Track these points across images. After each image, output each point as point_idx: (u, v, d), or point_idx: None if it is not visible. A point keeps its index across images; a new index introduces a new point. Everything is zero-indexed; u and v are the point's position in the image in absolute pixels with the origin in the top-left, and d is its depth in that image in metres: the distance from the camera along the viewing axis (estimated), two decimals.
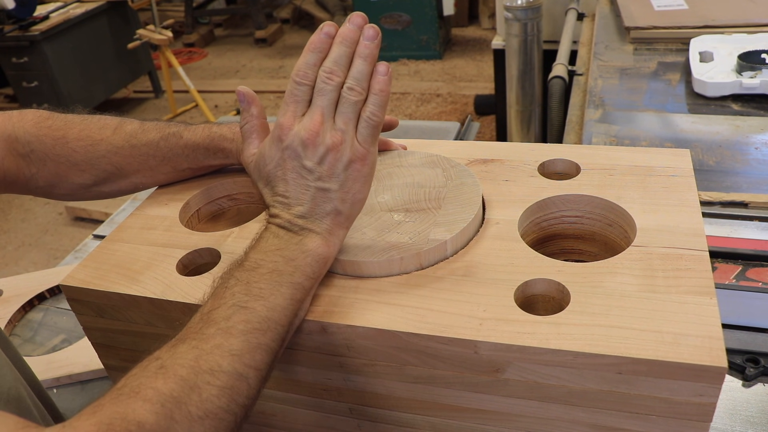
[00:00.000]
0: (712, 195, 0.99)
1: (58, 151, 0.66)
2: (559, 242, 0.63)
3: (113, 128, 0.67)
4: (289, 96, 0.51)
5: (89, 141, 0.66)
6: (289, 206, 0.51)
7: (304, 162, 0.50)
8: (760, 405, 0.68)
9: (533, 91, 2.16)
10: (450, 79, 4.13)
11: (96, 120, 0.68)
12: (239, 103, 0.56)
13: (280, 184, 0.51)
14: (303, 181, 0.50)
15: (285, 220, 0.51)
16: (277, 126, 0.51)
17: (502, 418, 0.51)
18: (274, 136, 0.51)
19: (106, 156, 0.66)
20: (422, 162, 0.66)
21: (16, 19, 3.42)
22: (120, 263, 0.60)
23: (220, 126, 0.67)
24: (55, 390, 0.86)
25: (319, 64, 0.50)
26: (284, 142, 0.50)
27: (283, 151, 0.51)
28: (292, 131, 0.50)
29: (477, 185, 0.61)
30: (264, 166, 0.52)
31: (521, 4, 2.01)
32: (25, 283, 1.03)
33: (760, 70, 1.26)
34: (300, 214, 0.51)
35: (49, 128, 0.66)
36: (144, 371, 0.42)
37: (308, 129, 0.49)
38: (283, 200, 0.51)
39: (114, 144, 0.66)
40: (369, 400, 0.55)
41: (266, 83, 4.46)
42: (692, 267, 0.50)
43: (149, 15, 3.79)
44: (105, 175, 0.67)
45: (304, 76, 0.50)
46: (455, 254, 0.55)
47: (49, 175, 0.67)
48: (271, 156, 0.51)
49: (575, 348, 0.44)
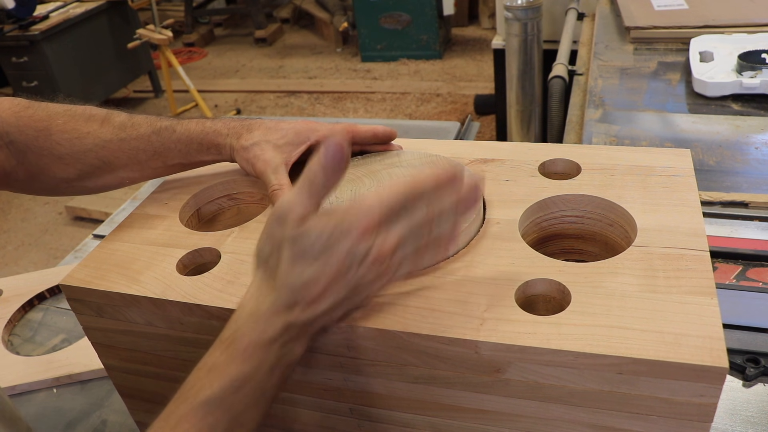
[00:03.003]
0: (712, 195, 0.99)
1: (40, 144, 0.63)
2: (559, 242, 0.63)
3: (100, 120, 0.65)
4: (395, 207, 0.46)
5: (75, 133, 0.63)
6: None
7: (352, 275, 0.46)
8: (760, 405, 0.68)
9: (533, 91, 2.16)
10: (450, 79, 4.13)
11: (81, 111, 0.65)
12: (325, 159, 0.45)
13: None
14: (338, 288, 0.46)
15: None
16: (354, 223, 0.45)
17: (502, 419, 0.50)
18: (341, 229, 0.45)
19: (93, 149, 0.64)
20: (422, 162, 0.66)
21: (16, 19, 3.42)
22: (120, 263, 0.60)
23: (213, 121, 0.66)
24: (55, 390, 0.86)
25: None
26: (349, 244, 0.45)
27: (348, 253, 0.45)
28: (368, 240, 0.45)
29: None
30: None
31: (521, 4, 2.01)
32: (25, 283, 1.03)
33: (761, 69, 1.26)
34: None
35: (30, 118, 0.63)
36: None
37: (379, 252, 0.45)
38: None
39: (101, 137, 0.64)
40: (369, 400, 0.54)
41: (266, 83, 4.46)
42: (693, 267, 0.50)
43: (149, 15, 3.79)
44: (90, 169, 0.65)
45: None
46: (456, 254, 0.55)
47: (30, 169, 0.64)
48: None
49: (576, 348, 0.44)
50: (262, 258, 0.48)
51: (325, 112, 3.93)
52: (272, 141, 0.64)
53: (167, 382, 0.63)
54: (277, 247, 0.46)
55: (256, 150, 0.64)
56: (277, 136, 0.65)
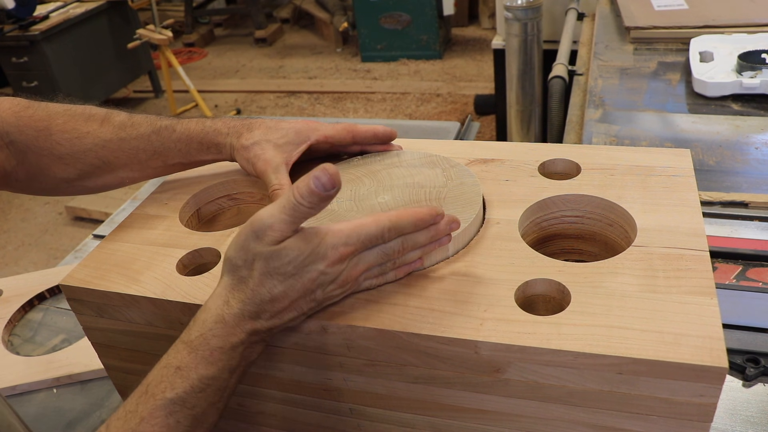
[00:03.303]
0: (712, 195, 0.99)
1: (40, 144, 0.63)
2: (559, 242, 0.63)
3: (100, 120, 0.65)
4: (373, 238, 0.49)
5: (75, 133, 0.63)
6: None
7: (318, 294, 0.49)
8: (760, 405, 0.68)
9: (533, 91, 2.16)
10: (450, 79, 4.13)
11: (81, 111, 0.65)
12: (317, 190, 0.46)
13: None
14: (303, 304, 0.49)
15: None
16: (331, 250, 0.48)
17: (502, 418, 0.50)
18: (317, 254, 0.48)
19: (93, 149, 0.64)
20: (421, 162, 0.66)
21: (16, 19, 3.42)
22: (120, 263, 0.60)
23: (213, 120, 0.66)
24: (55, 390, 0.86)
25: None
26: (321, 268, 0.48)
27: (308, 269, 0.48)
28: (340, 267, 0.49)
29: (477, 185, 0.61)
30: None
31: (521, 4, 2.01)
32: (25, 283, 1.03)
33: (761, 70, 1.26)
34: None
35: (30, 118, 0.63)
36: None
37: (348, 276, 0.49)
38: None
39: (101, 137, 0.64)
40: (369, 400, 0.54)
41: (266, 83, 4.46)
42: (693, 267, 0.50)
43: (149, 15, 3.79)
44: (90, 169, 0.65)
45: None
46: (456, 254, 0.55)
47: (30, 169, 0.64)
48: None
49: (576, 348, 0.44)
50: (232, 265, 0.49)
51: (325, 112, 3.93)
52: (273, 140, 0.64)
53: None
54: (251, 260, 0.48)
55: (256, 149, 0.64)
56: (277, 136, 0.65)
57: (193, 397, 0.47)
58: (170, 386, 0.46)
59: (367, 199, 0.60)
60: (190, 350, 0.47)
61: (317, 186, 0.45)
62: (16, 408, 0.83)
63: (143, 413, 0.46)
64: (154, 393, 0.46)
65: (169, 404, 0.46)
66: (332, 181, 0.45)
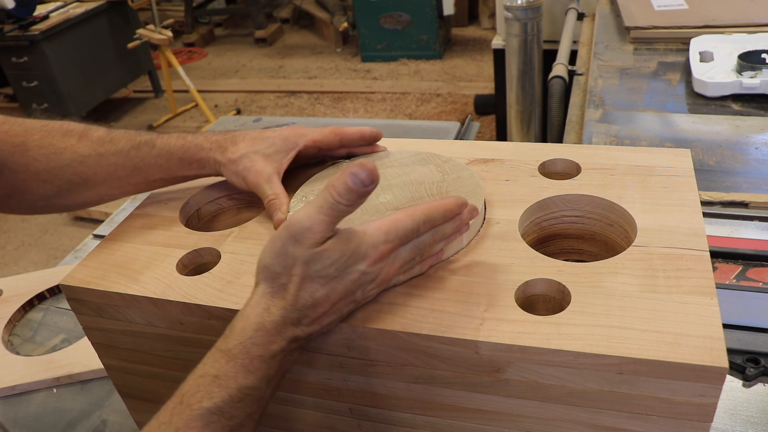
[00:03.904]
0: (712, 195, 0.99)
1: (17, 159, 0.61)
2: (559, 242, 0.63)
3: (78, 135, 0.63)
4: (409, 233, 0.49)
5: (52, 149, 0.62)
6: None
7: (358, 295, 0.49)
8: (760, 405, 0.68)
9: (533, 91, 2.16)
10: (450, 79, 4.13)
11: (59, 126, 0.64)
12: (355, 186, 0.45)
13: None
14: (343, 307, 0.49)
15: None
16: (372, 249, 0.48)
17: (502, 418, 0.50)
18: (358, 254, 0.48)
19: (71, 165, 0.62)
20: (412, 160, 0.66)
21: (16, 19, 3.42)
22: (120, 263, 0.60)
23: (195, 135, 0.65)
24: (55, 390, 0.86)
25: None
26: (363, 268, 0.48)
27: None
28: (380, 265, 0.49)
29: (474, 176, 0.61)
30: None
31: (521, 4, 2.01)
32: (25, 283, 1.03)
33: (761, 69, 1.26)
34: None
35: (6, 134, 0.61)
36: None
37: (386, 274, 0.50)
38: None
39: (79, 152, 0.62)
40: (369, 400, 0.54)
41: (266, 83, 4.46)
42: (693, 267, 0.50)
43: (149, 15, 3.79)
44: (68, 185, 0.63)
45: None
46: (456, 254, 0.55)
47: (6, 186, 0.61)
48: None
49: (576, 348, 0.44)
50: (270, 272, 0.48)
51: (325, 112, 3.93)
52: (261, 151, 0.63)
53: (167, 382, 0.63)
54: (290, 264, 0.47)
55: (245, 162, 0.62)
56: (264, 146, 0.63)
57: (231, 407, 0.45)
58: (207, 395, 0.45)
59: (368, 201, 0.60)
60: (228, 359, 0.46)
61: (355, 183, 0.44)
62: (16, 408, 0.83)
63: (178, 424, 0.44)
64: (190, 403, 0.45)
65: (206, 414, 0.44)
66: (371, 176, 0.44)
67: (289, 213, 0.60)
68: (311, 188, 0.64)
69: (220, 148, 0.63)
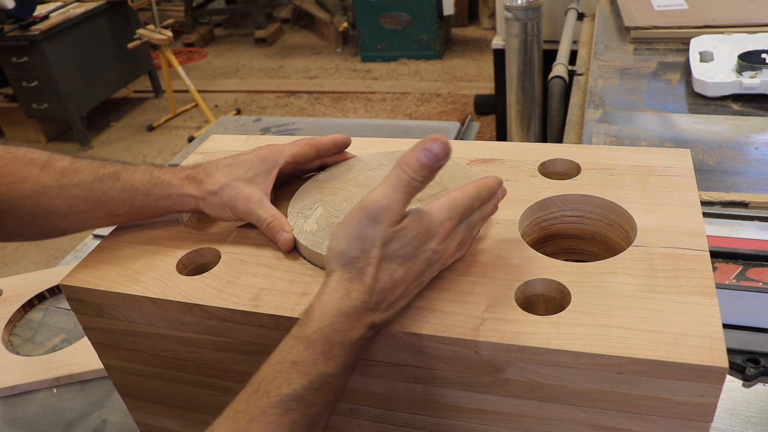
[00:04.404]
0: (712, 195, 0.99)
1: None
2: (559, 242, 0.63)
3: (41, 165, 0.60)
4: (467, 209, 0.50)
5: (12, 178, 0.58)
6: None
7: (427, 276, 0.50)
8: (760, 405, 0.68)
9: (533, 91, 2.16)
10: (450, 79, 4.13)
11: (22, 154, 0.60)
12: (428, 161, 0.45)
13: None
14: (414, 289, 0.49)
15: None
16: (439, 226, 0.48)
17: (502, 418, 0.50)
18: (428, 232, 0.48)
19: (31, 196, 0.59)
20: (388, 160, 0.66)
21: (16, 19, 3.42)
22: (120, 263, 0.60)
23: (162, 170, 0.61)
24: (55, 390, 0.86)
25: None
26: (433, 246, 0.48)
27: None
28: (446, 243, 0.49)
29: (458, 163, 0.62)
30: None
31: (521, 4, 2.01)
32: (25, 283, 1.03)
33: (760, 69, 1.26)
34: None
35: None
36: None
37: (449, 253, 0.50)
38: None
39: (41, 183, 0.59)
40: (369, 400, 0.54)
41: (266, 83, 4.46)
42: (693, 267, 0.50)
43: (149, 15, 3.79)
44: (29, 217, 0.60)
45: None
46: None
47: None
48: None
49: (576, 348, 0.44)
50: (347, 258, 0.47)
51: (325, 113, 3.93)
52: (241, 176, 0.60)
53: (167, 382, 0.63)
54: (369, 247, 0.46)
55: (228, 191, 0.59)
56: (243, 170, 0.61)
57: (311, 394, 0.43)
58: (286, 382, 0.43)
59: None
60: (307, 345, 0.44)
61: (429, 158, 0.44)
62: (16, 408, 0.83)
63: (254, 412, 0.42)
64: (267, 390, 0.43)
65: (285, 401, 0.42)
66: (445, 149, 0.44)
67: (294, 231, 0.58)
68: (303, 203, 0.62)
69: (193, 182, 0.60)
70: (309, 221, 0.58)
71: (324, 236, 0.56)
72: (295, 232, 0.57)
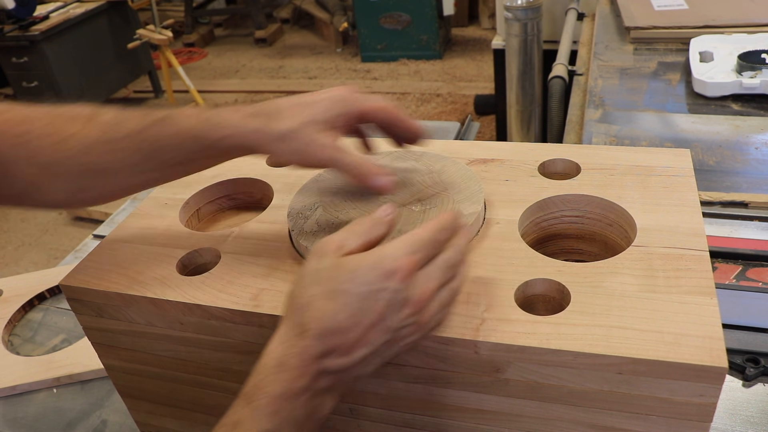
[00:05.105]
0: (712, 195, 0.99)
1: (19, 152, 0.53)
2: (559, 242, 0.63)
3: (85, 120, 0.54)
4: (430, 243, 0.44)
5: (56, 137, 0.53)
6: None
7: (391, 321, 0.42)
8: (760, 405, 0.68)
9: (533, 91, 2.16)
10: (450, 79, 4.13)
11: (66, 111, 0.55)
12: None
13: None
14: (375, 336, 0.42)
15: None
16: (396, 261, 0.42)
17: (502, 418, 0.50)
18: (383, 268, 0.42)
19: (78, 155, 0.53)
20: (388, 160, 0.66)
21: (16, 19, 3.42)
22: (120, 263, 0.60)
23: (218, 110, 0.54)
24: (55, 390, 0.86)
25: None
26: (392, 286, 0.42)
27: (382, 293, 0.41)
28: (409, 282, 0.42)
29: (456, 162, 0.62)
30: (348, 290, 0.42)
31: (521, 4, 2.01)
32: (25, 283, 1.03)
33: (760, 70, 1.26)
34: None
35: (7, 123, 0.53)
36: None
37: (422, 295, 0.43)
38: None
39: (86, 139, 0.53)
40: (369, 400, 0.54)
41: (266, 83, 4.46)
42: (692, 267, 0.50)
43: (149, 15, 3.79)
44: (79, 179, 0.55)
45: None
46: None
47: (15, 183, 0.54)
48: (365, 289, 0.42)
49: (575, 348, 0.44)
50: (289, 299, 0.44)
51: None
52: (318, 118, 0.53)
53: (167, 382, 0.63)
54: (307, 283, 0.43)
55: (302, 137, 0.52)
56: (318, 111, 0.54)
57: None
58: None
59: (369, 203, 0.60)
60: (246, 401, 0.41)
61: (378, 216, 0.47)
62: (16, 408, 0.83)
63: None
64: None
65: None
66: (389, 220, 0.47)
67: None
68: (303, 204, 0.61)
69: (256, 120, 0.52)
70: (309, 221, 0.58)
71: (324, 236, 0.56)
72: (295, 232, 0.57)
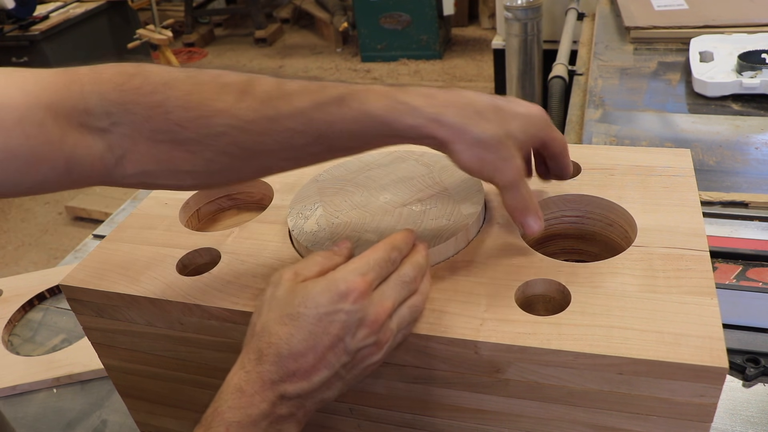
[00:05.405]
0: (712, 195, 0.99)
1: (153, 126, 0.45)
2: (559, 242, 0.63)
3: (238, 91, 0.46)
4: (384, 262, 0.45)
5: (202, 111, 0.45)
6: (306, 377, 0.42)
7: (349, 342, 0.42)
8: (760, 405, 0.68)
9: (533, 91, 2.16)
10: (450, 79, 4.13)
11: (211, 78, 0.47)
12: None
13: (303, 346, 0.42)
14: (333, 358, 0.42)
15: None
16: (348, 282, 0.43)
17: (502, 419, 0.50)
18: (335, 290, 0.42)
19: (228, 133, 0.46)
20: (390, 159, 0.66)
21: (16, 19, 3.42)
22: (120, 263, 0.60)
23: (404, 90, 0.46)
24: (55, 390, 0.86)
25: None
26: (346, 307, 0.42)
27: (337, 315, 0.42)
28: (363, 302, 0.43)
29: None
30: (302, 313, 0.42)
31: (521, 4, 2.01)
32: (25, 283, 1.03)
33: (761, 69, 1.26)
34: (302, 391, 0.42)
35: (138, 92, 0.45)
36: None
37: (376, 315, 0.43)
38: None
39: (240, 116, 0.45)
40: (369, 400, 0.54)
41: None
42: (693, 267, 0.50)
43: (149, 15, 3.79)
44: (225, 158, 0.47)
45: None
46: (456, 254, 0.55)
47: (142, 160, 0.47)
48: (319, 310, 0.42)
49: (576, 348, 0.44)
50: (249, 326, 0.45)
51: None
52: (514, 135, 0.47)
53: (167, 382, 0.63)
54: (259, 308, 0.44)
55: (502, 150, 0.46)
56: (517, 126, 0.48)
57: None
58: None
59: (369, 203, 0.60)
60: (205, 429, 0.41)
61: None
62: (16, 408, 0.83)
63: None
64: None
65: None
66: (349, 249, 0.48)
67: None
68: (303, 204, 0.61)
69: (453, 112, 0.46)
70: (309, 221, 0.58)
71: (324, 236, 0.56)
72: (295, 232, 0.57)
